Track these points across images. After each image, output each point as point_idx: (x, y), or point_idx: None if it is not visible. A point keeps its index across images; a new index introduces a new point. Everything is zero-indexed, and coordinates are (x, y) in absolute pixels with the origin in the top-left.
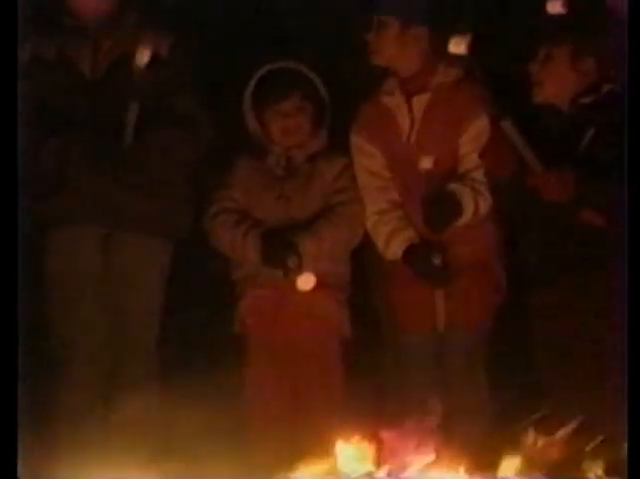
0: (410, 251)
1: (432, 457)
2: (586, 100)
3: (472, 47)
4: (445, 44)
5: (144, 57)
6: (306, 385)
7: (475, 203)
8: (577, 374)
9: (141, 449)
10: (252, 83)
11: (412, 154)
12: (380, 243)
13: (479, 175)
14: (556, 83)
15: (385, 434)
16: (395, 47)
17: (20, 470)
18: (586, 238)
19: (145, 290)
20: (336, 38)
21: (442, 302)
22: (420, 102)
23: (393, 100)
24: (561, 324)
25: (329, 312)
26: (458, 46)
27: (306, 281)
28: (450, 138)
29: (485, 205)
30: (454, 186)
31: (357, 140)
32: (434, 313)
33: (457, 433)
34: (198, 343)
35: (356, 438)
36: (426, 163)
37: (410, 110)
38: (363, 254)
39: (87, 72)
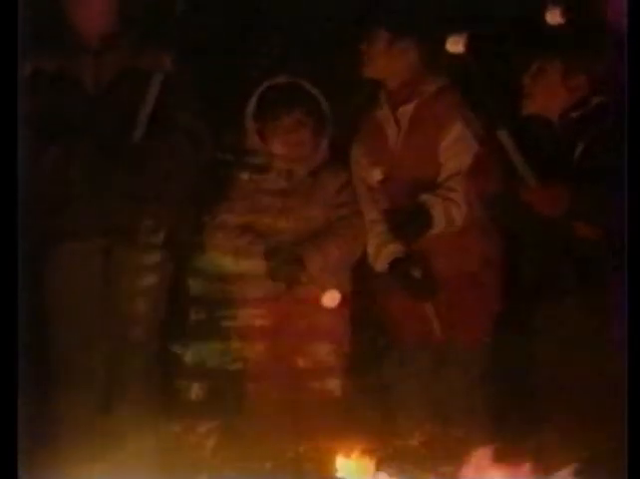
0: (393, 265)
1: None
2: (575, 114)
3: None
4: (433, 54)
5: None
6: (306, 399)
7: (446, 212)
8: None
9: (140, 454)
10: (254, 98)
11: (398, 164)
12: (370, 256)
13: (453, 183)
14: (546, 97)
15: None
16: (384, 59)
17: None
18: (582, 250)
19: (145, 302)
20: (336, 51)
21: (433, 313)
22: (405, 112)
23: (382, 112)
24: (560, 334)
25: (330, 326)
26: (455, 45)
27: (331, 298)
28: (431, 147)
29: (460, 213)
30: (425, 196)
31: (354, 153)
32: (430, 323)
33: (454, 440)
34: (198, 354)
35: (356, 453)
36: (376, 175)
37: (396, 121)
38: (362, 266)
39: (89, 88)
